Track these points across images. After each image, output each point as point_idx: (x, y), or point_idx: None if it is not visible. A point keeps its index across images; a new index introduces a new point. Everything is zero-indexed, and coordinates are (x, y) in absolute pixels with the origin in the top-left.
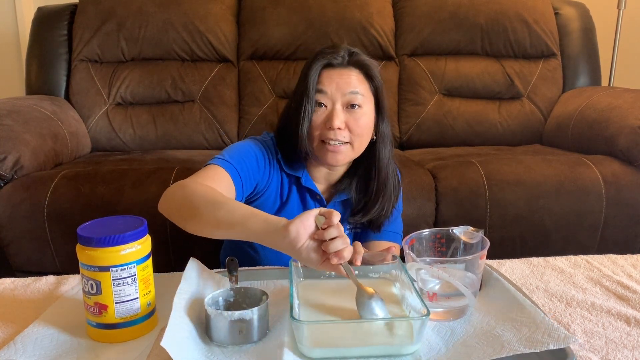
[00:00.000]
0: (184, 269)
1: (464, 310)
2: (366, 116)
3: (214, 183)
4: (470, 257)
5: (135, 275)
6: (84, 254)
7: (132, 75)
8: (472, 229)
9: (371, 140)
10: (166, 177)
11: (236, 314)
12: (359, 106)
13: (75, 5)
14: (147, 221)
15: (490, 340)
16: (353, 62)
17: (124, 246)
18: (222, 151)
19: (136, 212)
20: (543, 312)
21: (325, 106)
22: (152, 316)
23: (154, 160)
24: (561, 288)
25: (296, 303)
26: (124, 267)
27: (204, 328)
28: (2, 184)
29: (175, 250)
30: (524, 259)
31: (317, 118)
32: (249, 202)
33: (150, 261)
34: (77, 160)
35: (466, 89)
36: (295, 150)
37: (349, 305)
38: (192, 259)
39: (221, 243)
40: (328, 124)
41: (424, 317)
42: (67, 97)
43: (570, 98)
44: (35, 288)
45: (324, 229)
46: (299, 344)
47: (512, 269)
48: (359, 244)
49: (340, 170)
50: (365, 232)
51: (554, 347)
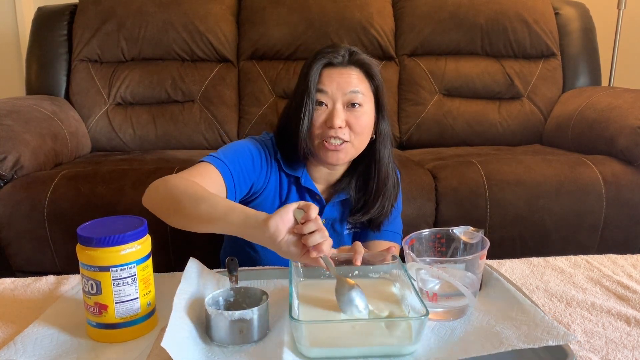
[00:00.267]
0: (184, 269)
1: (464, 310)
2: (366, 115)
3: (203, 180)
4: (470, 257)
5: (135, 275)
6: (84, 254)
7: (132, 75)
8: (473, 229)
9: (371, 139)
10: None
11: (236, 313)
12: (359, 105)
13: (75, 5)
14: (147, 221)
15: (489, 336)
16: (353, 61)
17: (124, 246)
18: (218, 149)
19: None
20: (543, 312)
21: (326, 105)
22: (152, 316)
23: (154, 160)
24: (561, 288)
25: (295, 303)
26: (124, 267)
27: (204, 328)
28: (2, 184)
29: (175, 250)
30: (524, 259)
31: (318, 117)
32: (247, 202)
33: (150, 261)
34: (77, 160)
35: (466, 89)
36: (295, 150)
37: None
38: (192, 259)
39: (221, 243)
40: (329, 123)
41: (422, 317)
42: (67, 97)
43: (570, 98)
44: (35, 288)
45: (303, 223)
46: (297, 344)
47: (512, 269)
48: (359, 244)
49: (340, 170)
50: (365, 232)
51: (553, 344)
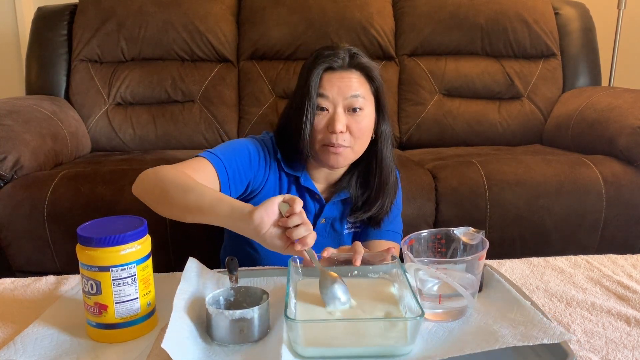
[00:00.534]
0: (183, 269)
1: (462, 312)
2: (367, 118)
3: (196, 174)
4: (468, 258)
5: (135, 275)
6: (84, 254)
7: (132, 75)
8: (473, 229)
9: (372, 139)
10: None
11: (237, 313)
12: (360, 109)
13: (75, 5)
14: (147, 221)
15: (485, 335)
16: (354, 64)
17: (124, 246)
18: (215, 146)
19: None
20: (543, 313)
21: (327, 110)
22: (152, 316)
23: (154, 160)
24: (561, 288)
25: (292, 302)
26: (124, 267)
27: (205, 327)
28: (2, 184)
29: (175, 250)
30: (524, 259)
31: (319, 122)
32: (245, 200)
33: (150, 261)
34: (77, 160)
35: (466, 89)
36: (295, 150)
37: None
38: (191, 258)
39: (221, 243)
40: (330, 128)
41: (418, 318)
42: (67, 97)
43: (570, 98)
44: (35, 288)
45: (287, 217)
46: (293, 343)
47: (512, 269)
48: (358, 244)
49: (341, 170)
50: (365, 232)
51: (548, 342)
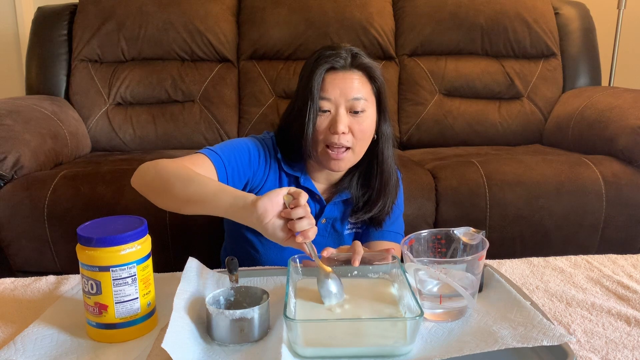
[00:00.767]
0: (183, 269)
1: (462, 312)
2: (369, 119)
3: (195, 169)
4: (469, 257)
5: (135, 275)
6: (84, 254)
7: (132, 75)
8: (474, 230)
9: (373, 140)
10: None
11: (237, 312)
12: (362, 111)
13: (75, 5)
14: (147, 221)
15: (485, 336)
16: (356, 64)
17: (124, 246)
18: (215, 144)
19: (136, 212)
20: (544, 313)
21: (329, 111)
22: (152, 316)
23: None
24: (561, 288)
25: (292, 302)
26: (124, 267)
27: (205, 327)
28: (2, 184)
29: (175, 250)
30: (524, 259)
31: (321, 123)
32: None
33: (150, 261)
34: (77, 160)
35: (466, 89)
36: (296, 151)
37: (347, 305)
38: (191, 258)
39: (221, 242)
40: (332, 129)
41: (417, 318)
42: (67, 97)
43: (570, 98)
44: (35, 288)
45: (292, 208)
46: (292, 344)
47: (512, 269)
48: (358, 243)
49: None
50: (367, 232)
51: (547, 344)
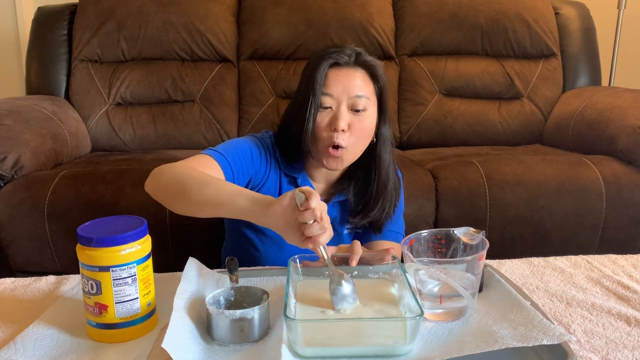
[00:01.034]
0: (183, 269)
1: (462, 312)
2: (370, 118)
3: (204, 171)
4: (468, 258)
5: (136, 275)
6: (84, 254)
7: (132, 75)
8: (474, 230)
9: (371, 143)
10: None
11: (238, 312)
12: (363, 109)
13: (75, 5)
14: (147, 221)
15: (485, 336)
16: (360, 62)
17: (124, 246)
18: (217, 145)
19: (136, 212)
20: (544, 313)
21: (330, 108)
22: (152, 316)
23: (154, 160)
24: (561, 288)
25: (292, 302)
26: (124, 267)
27: (205, 327)
28: (2, 184)
29: (175, 250)
30: (524, 259)
31: (322, 120)
32: None
33: (150, 261)
34: (77, 160)
35: (466, 89)
36: (295, 149)
37: (347, 305)
38: (191, 258)
39: (221, 242)
40: (333, 125)
41: (417, 317)
42: (67, 97)
43: (570, 98)
44: (35, 288)
45: (303, 210)
46: (292, 343)
47: (512, 269)
48: (357, 243)
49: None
50: (367, 232)
51: (547, 343)
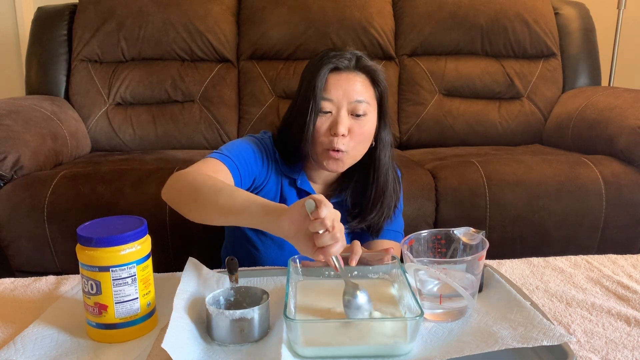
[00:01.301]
0: (183, 269)
1: (462, 312)
2: (370, 123)
3: (216, 175)
4: (469, 258)
5: (135, 275)
6: (84, 254)
7: (132, 75)
8: (474, 230)
9: (371, 146)
10: (166, 177)
11: (238, 313)
12: (363, 114)
13: (75, 5)
14: (147, 221)
15: (485, 336)
16: (360, 67)
17: (123, 246)
18: (219, 147)
19: (136, 212)
20: (544, 313)
21: (330, 112)
22: (152, 316)
23: (154, 160)
24: (561, 288)
25: (292, 302)
26: (124, 267)
27: (205, 327)
28: (2, 184)
29: (175, 250)
30: (524, 259)
31: (322, 124)
32: None
33: (150, 261)
34: (77, 160)
35: (466, 89)
36: (294, 151)
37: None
38: (191, 258)
39: (221, 243)
40: (333, 130)
41: (417, 318)
42: (67, 97)
43: (570, 98)
44: (35, 288)
45: (314, 220)
46: (292, 343)
47: (512, 269)
48: (357, 243)
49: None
50: (366, 232)
51: (547, 344)
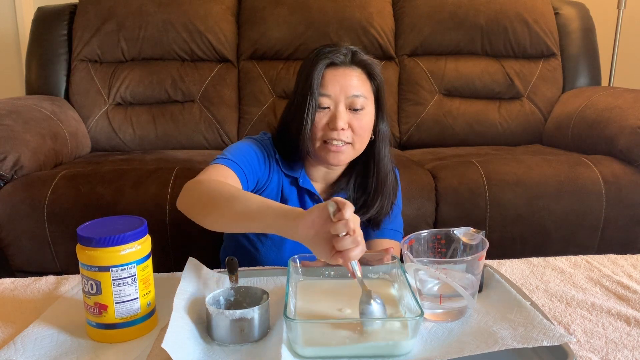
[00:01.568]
0: (183, 269)
1: (462, 312)
2: (368, 117)
3: (227, 181)
4: (469, 258)
5: (135, 275)
6: (84, 254)
7: (132, 75)
8: (474, 230)
9: (370, 140)
10: (166, 177)
11: (237, 313)
12: (361, 108)
13: (75, 5)
14: (147, 221)
15: (485, 336)
16: (356, 61)
17: (124, 246)
18: (222, 152)
19: (136, 212)
20: (544, 313)
21: (328, 108)
22: (152, 316)
23: (154, 160)
24: (561, 288)
25: (292, 302)
26: (124, 267)
27: (205, 327)
28: (2, 184)
29: (175, 250)
30: (524, 259)
31: (320, 119)
32: None
33: (150, 261)
34: (77, 160)
35: (466, 89)
36: (294, 149)
37: (347, 305)
38: (191, 258)
39: (221, 243)
40: (331, 125)
41: (417, 318)
42: (67, 97)
43: (570, 98)
44: (35, 288)
45: (336, 221)
46: (292, 343)
47: (512, 269)
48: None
49: (339, 169)
50: (366, 232)
51: (547, 344)
